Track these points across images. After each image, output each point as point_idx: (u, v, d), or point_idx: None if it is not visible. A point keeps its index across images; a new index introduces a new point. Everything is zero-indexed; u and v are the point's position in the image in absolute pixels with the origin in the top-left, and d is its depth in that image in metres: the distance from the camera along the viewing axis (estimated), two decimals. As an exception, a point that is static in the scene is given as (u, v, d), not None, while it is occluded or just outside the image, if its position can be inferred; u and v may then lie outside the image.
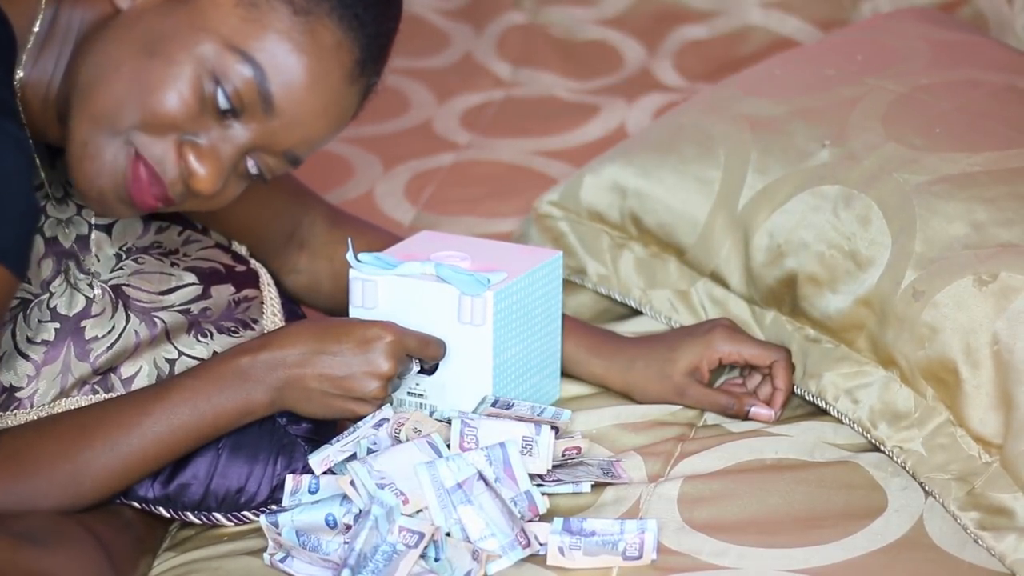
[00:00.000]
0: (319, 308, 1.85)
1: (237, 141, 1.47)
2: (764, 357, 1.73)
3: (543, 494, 1.55)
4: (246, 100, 1.45)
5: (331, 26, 1.46)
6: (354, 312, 1.67)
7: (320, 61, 1.46)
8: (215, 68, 1.44)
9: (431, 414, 1.64)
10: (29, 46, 1.48)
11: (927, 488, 1.57)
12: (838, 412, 1.69)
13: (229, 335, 1.64)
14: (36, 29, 1.48)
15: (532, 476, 1.56)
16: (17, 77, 1.48)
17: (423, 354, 1.61)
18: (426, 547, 1.45)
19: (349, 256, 1.66)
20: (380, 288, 1.66)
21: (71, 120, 1.46)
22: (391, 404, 1.65)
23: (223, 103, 1.45)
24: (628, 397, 1.76)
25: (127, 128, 1.45)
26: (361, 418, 1.59)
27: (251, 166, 1.51)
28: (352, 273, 1.67)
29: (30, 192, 1.42)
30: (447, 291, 1.64)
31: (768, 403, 1.72)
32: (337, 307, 1.80)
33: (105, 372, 1.60)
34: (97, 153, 1.46)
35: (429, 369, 1.66)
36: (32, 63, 1.49)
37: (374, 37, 1.50)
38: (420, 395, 1.67)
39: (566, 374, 1.79)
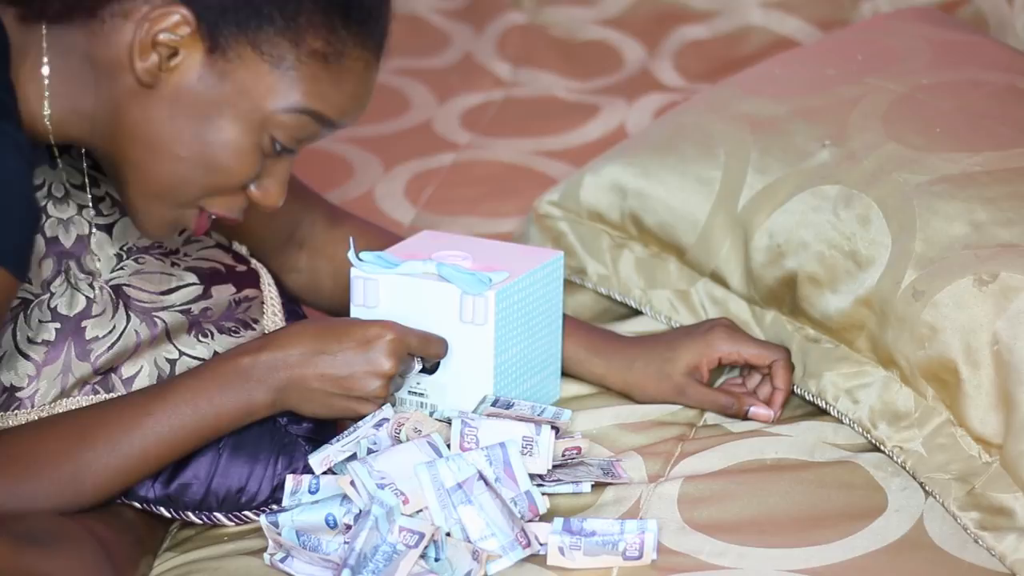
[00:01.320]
0: (320, 307, 1.85)
1: (294, 159, 1.53)
2: (764, 357, 1.73)
3: (543, 494, 1.55)
4: (310, 136, 1.51)
5: (358, 53, 1.49)
6: (355, 311, 1.67)
7: (361, 81, 1.51)
8: (272, 128, 1.48)
9: (431, 414, 1.65)
10: (30, 64, 1.48)
11: (927, 488, 1.57)
12: (838, 412, 1.69)
13: (230, 335, 1.64)
14: (44, 46, 1.48)
15: (532, 476, 1.56)
16: (45, 114, 1.49)
17: (424, 352, 1.61)
18: (426, 547, 1.45)
19: (350, 255, 1.66)
20: (381, 287, 1.66)
21: (125, 187, 1.50)
22: (392, 403, 1.65)
23: (288, 147, 1.50)
24: (628, 397, 1.76)
25: (194, 200, 1.50)
26: (363, 417, 1.59)
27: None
28: (353, 272, 1.67)
29: (30, 194, 1.42)
30: (448, 290, 1.64)
31: (768, 403, 1.72)
32: (338, 306, 1.80)
33: (106, 372, 1.60)
34: (161, 218, 1.51)
35: (430, 368, 1.66)
36: (39, 84, 1.48)
37: (384, 31, 1.53)
38: (421, 394, 1.67)
39: (566, 374, 1.79)
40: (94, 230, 1.64)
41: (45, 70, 1.47)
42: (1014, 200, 1.66)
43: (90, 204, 1.64)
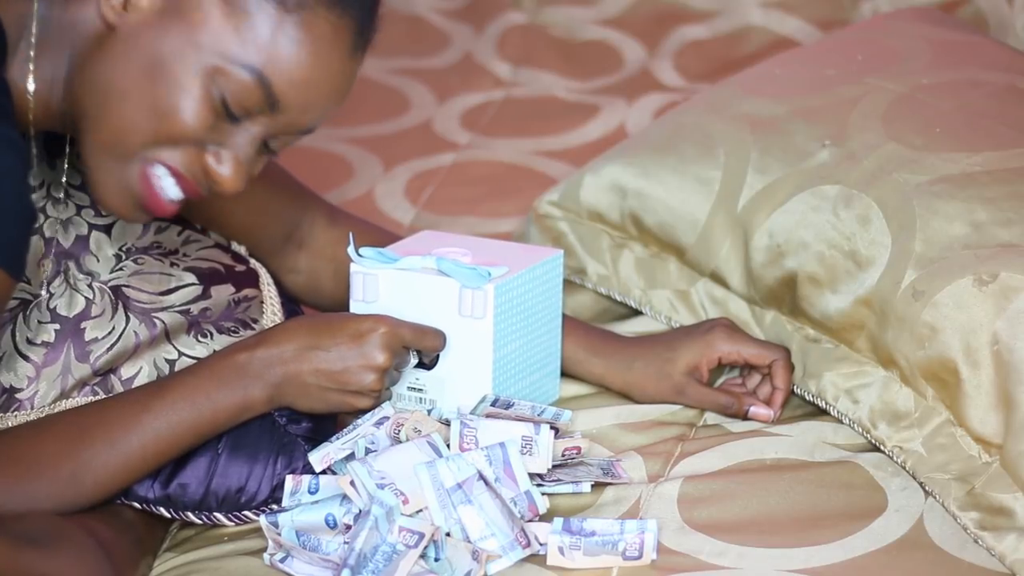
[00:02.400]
0: (320, 308, 1.85)
1: (254, 135, 1.49)
2: (763, 357, 1.73)
3: (543, 494, 1.55)
4: (254, 106, 1.46)
5: (324, 14, 1.46)
6: (355, 306, 1.67)
7: (320, 51, 1.46)
8: (219, 82, 1.44)
9: (430, 410, 1.65)
10: (23, 47, 1.48)
11: (927, 488, 1.57)
12: (838, 412, 1.69)
13: (229, 335, 1.64)
14: (33, 40, 1.48)
15: (532, 476, 1.56)
16: (30, 90, 1.48)
17: (420, 345, 1.61)
18: (426, 547, 1.45)
19: (350, 250, 1.66)
20: (381, 282, 1.66)
21: (82, 147, 1.48)
22: (391, 400, 1.65)
23: (234, 112, 1.46)
24: (627, 397, 1.76)
25: (139, 150, 1.47)
26: (360, 412, 1.59)
27: (272, 146, 1.52)
28: (353, 267, 1.67)
29: (25, 193, 1.42)
30: (448, 284, 1.64)
31: (768, 403, 1.72)
32: (338, 306, 1.80)
33: (105, 373, 1.60)
34: (109, 176, 1.48)
35: (429, 363, 1.66)
36: (27, 65, 1.48)
37: (367, 4, 1.50)
38: (420, 390, 1.67)
39: (566, 374, 1.79)
40: (93, 230, 1.64)
41: (32, 44, 1.48)
42: (1014, 200, 1.66)
43: (89, 204, 1.64)
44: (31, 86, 1.49)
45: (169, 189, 1.50)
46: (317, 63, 1.46)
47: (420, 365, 1.66)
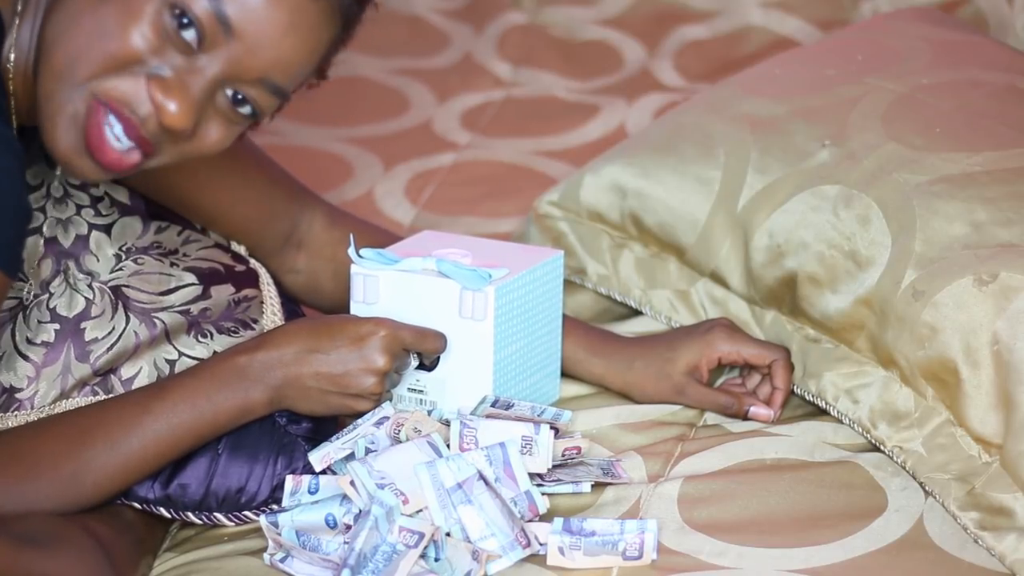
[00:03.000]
0: (320, 308, 1.85)
1: (205, 72, 1.43)
2: (763, 356, 1.73)
3: (543, 494, 1.55)
4: (206, 27, 1.41)
5: None
6: (355, 308, 1.67)
7: None
8: (171, 1, 1.40)
9: (430, 412, 1.65)
10: (12, 26, 1.47)
11: (927, 488, 1.57)
12: (838, 412, 1.69)
13: (229, 335, 1.64)
14: (19, 9, 1.47)
15: (532, 476, 1.56)
16: (10, 59, 1.47)
17: (420, 347, 1.61)
18: (426, 547, 1.45)
19: (351, 251, 1.66)
20: (381, 283, 1.66)
21: (38, 83, 1.44)
22: (391, 401, 1.65)
23: (183, 33, 1.41)
24: (627, 397, 1.76)
25: (87, 77, 1.42)
26: (360, 414, 1.59)
27: (239, 102, 1.46)
28: (353, 268, 1.67)
29: (21, 192, 1.41)
30: (448, 286, 1.64)
31: (767, 403, 1.72)
32: (337, 307, 1.80)
33: (105, 373, 1.60)
34: (60, 108, 1.43)
35: (429, 365, 1.66)
36: (12, 43, 1.47)
37: None
38: (420, 391, 1.67)
39: (565, 374, 1.79)
40: (93, 230, 1.64)
41: (17, 12, 1.46)
42: (1014, 200, 1.65)
43: (89, 204, 1.64)
44: (11, 55, 1.46)
45: (112, 124, 1.43)
46: None
47: (420, 367, 1.66)
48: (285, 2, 1.42)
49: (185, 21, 1.41)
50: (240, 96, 1.45)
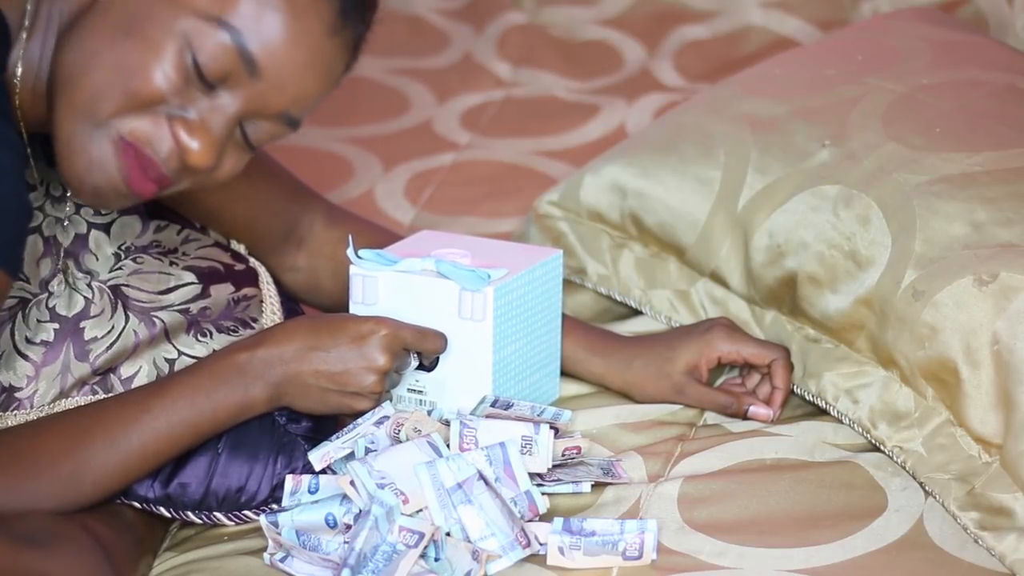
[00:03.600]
0: (319, 306, 1.85)
1: (227, 110, 1.45)
2: (763, 356, 1.73)
3: (543, 494, 1.55)
4: (228, 66, 1.43)
5: None
6: (354, 308, 1.67)
7: (297, 17, 1.44)
8: (193, 40, 1.42)
9: (430, 412, 1.65)
10: (21, 38, 1.48)
11: (927, 488, 1.57)
12: (838, 412, 1.69)
13: (228, 334, 1.64)
14: (26, 23, 1.48)
15: (532, 476, 1.56)
16: (17, 74, 1.47)
17: (421, 347, 1.61)
18: (426, 547, 1.45)
19: (349, 252, 1.66)
20: (380, 284, 1.66)
21: (55, 115, 1.45)
22: (391, 401, 1.65)
23: (206, 72, 1.42)
24: (627, 396, 1.76)
25: (109, 116, 1.43)
26: (360, 413, 1.59)
27: (250, 133, 1.48)
28: (352, 269, 1.67)
29: (22, 191, 1.41)
30: (447, 287, 1.64)
31: (767, 402, 1.72)
32: (337, 305, 1.80)
33: (104, 372, 1.60)
34: (83, 148, 1.44)
35: (429, 366, 1.66)
36: (20, 56, 1.48)
37: None
38: (420, 392, 1.67)
39: (565, 373, 1.79)
40: (92, 229, 1.64)
41: (25, 27, 1.47)
42: (1014, 200, 1.65)
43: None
44: (19, 70, 1.47)
45: (147, 164, 1.45)
46: (294, 28, 1.43)
47: (420, 367, 1.66)
48: (305, 41, 1.44)
49: (207, 59, 1.42)
50: (255, 127, 1.48)
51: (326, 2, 1.45)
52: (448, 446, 1.56)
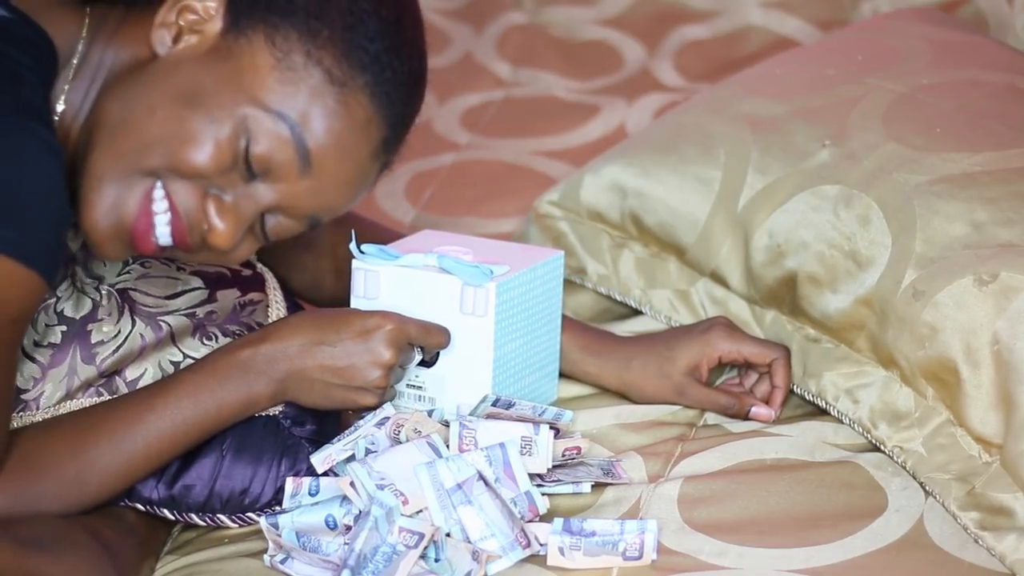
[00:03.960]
0: (319, 305, 1.84)
1: (260, 200, 1.49)
2: (763, 355, 1.73)
3: (543, 494, 1.55)
4: (282, 158, 1.46)
5: (364, 101, 1.48)
6: (356, 303, 1.67)
7: (352, 132, 1.48)
8: (251, 127, 1.45)
9: (431, 411, 1.65)
10: (64, 75, 1.49)
11: (927, 488, 1.57)
12: (838, 412, 1.69)
13: (234, 338, 1.64)
14: (75, 61, 1.49)
15: (532, 476, 1.56)
16: (57, 110, 1.49)
17: (425, 342, 1.61)
18: (426, 548, 1.45)
19: (352, 246, 1.66)
20: (382, 278, 1.66)
21: (91, 154, 1.47)
22: (392, 395, 1.65)
23: (254, 161, 1.46)
24: (625, 397, 1.76)
25: (153, 170, 1.46)
26: (365, 408, 1.59)
27: (269, 225, 1.51)
28: (355, 263, 1.67)
29: (63, 198, 1.43)
30: (449, 282, 1.64)
31: (767, 401, 1.72)
32: (336, 304, 1.80)
33: (110, 375, 1.60)
34: (108, 187, 1.46)
35: (429, 361, 1.66)
36: (65, 92, 1.49)
37: (400, 118, 1.52)
38: (419, 387, 1.67)
39: (562, 374, 1.79)
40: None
41: (73, 65, 1.49)
42: (1014, 200, 1.66)
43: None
44: (60, 107, 1.49)
45: (160, 221, 1.49)
46: (347, 141, 1.48)
47: (420, 363, 1.66)
48: (354, 155, 1.49)
49: (260, 149, 1.45)
50: (276, 220, 1.52)
51: (376, 127, 1.49)
52: (448, 446, 1.56)
